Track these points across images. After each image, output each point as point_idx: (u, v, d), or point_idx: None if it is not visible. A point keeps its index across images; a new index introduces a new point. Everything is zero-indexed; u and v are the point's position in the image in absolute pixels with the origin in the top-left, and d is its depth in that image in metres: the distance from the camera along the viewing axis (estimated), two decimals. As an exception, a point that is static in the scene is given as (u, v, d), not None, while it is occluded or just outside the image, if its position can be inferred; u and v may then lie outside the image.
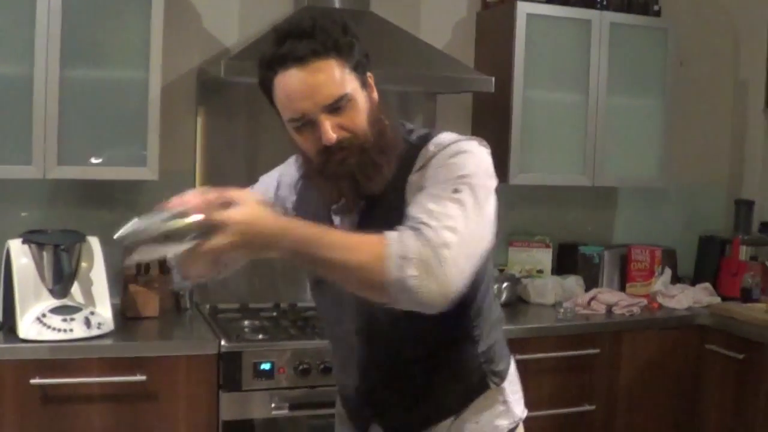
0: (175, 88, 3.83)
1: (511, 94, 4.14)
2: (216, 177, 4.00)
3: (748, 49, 5.01)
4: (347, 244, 1.78)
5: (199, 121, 3.99)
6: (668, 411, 4.20)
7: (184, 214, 1.71)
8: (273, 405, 3.33)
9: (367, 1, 3.99)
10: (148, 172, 3.53)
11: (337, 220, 2.08)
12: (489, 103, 4.29)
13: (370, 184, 1.97)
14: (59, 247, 3.32)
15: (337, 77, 1.90)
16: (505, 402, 2.23)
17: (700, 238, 4.88)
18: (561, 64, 4.30)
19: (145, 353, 3.24)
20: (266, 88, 1.97)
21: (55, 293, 3.31)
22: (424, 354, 2.12)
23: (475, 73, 4.00)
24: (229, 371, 3.30)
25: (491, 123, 4.32)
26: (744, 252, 4.57)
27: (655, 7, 4.51)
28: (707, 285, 4.58)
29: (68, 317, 3.22)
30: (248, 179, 3.92)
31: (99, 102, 3.48)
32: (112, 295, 3.46)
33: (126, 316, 3.55)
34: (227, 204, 1.72)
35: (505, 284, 4.22)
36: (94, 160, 3.48)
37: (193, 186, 3.94)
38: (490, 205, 1.91)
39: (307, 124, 1.93)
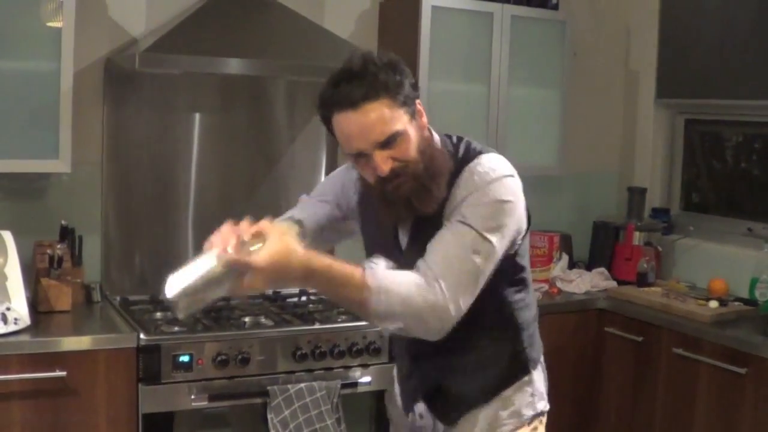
0: (82, 78, 3.75)
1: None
2: (123, 169, 3.98)
3: (639, 41, 5.14)
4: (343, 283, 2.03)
5: (106, 111, 3.92)
6: (570, 392, 4.33)
7: (219, 258, 1.90)
8: (192, 396, 3.33)
9: (274, -9, 4.00)
10: (60, 165, 3.48)
11: (399, 232, 2.34)
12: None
13: (424, 206, 2.17)
14: (-29, 242, 3.25)
15: (387, 117, 2.10)
16: (533, 395, 2.44)
17: (594, 224, 5.00)
18: (464, 56, 4.37)
19: (64, 348, 3.19)
20: (327, 124, 2.17)
21: (-31, 290, 3.23)
22: (467, 336, 2.26)
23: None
24: (148, 364, 3.28)
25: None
26: (637, 237, 4.73)
27: (553, 1, 4.62)
28: (602, 270, 4.72)
29: (-16, 314, 3.16)
30: (156, 172, 3.96)
31: (8, 94, 3.39)
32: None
33: (38, 311, 3.47)
34: (259, 235, 1.92)
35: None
36: (4, 153, 3.40)
37: (101, 179, 3.92)
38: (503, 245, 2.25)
39: (363, 156, 2.13)
